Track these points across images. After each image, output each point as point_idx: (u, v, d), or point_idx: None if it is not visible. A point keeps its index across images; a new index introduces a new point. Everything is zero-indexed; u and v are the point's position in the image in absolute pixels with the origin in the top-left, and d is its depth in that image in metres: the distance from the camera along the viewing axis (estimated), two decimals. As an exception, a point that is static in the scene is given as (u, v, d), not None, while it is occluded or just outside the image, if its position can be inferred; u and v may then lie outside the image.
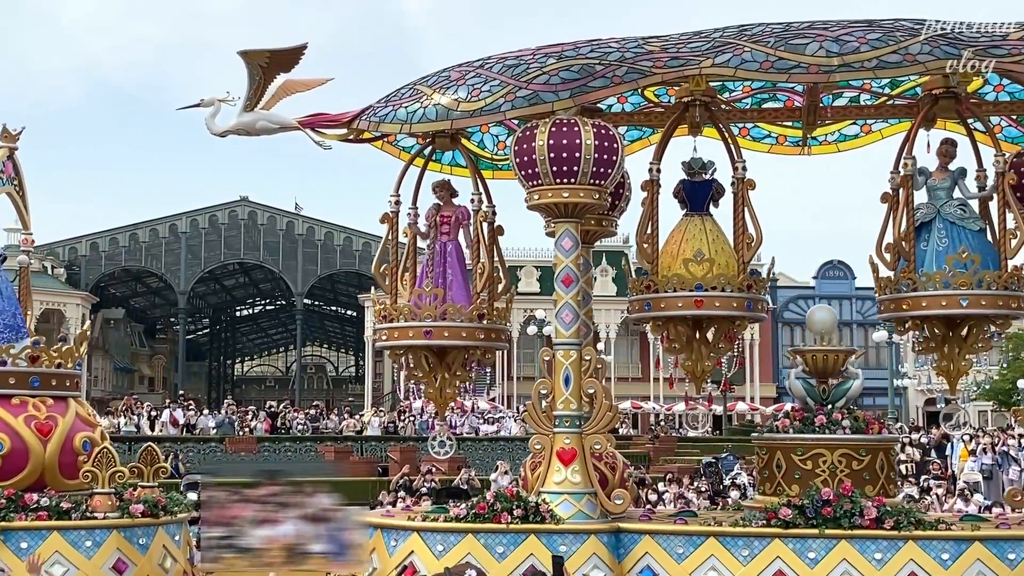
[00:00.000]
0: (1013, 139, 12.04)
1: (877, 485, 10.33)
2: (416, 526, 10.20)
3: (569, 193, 10.21)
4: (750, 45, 10.12)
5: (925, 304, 10.36)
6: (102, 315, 59.41)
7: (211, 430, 30.11)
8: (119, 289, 63.46)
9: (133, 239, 56.66)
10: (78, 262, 56.48)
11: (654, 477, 22.16)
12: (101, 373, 60.15)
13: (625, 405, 49.52)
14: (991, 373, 40.33)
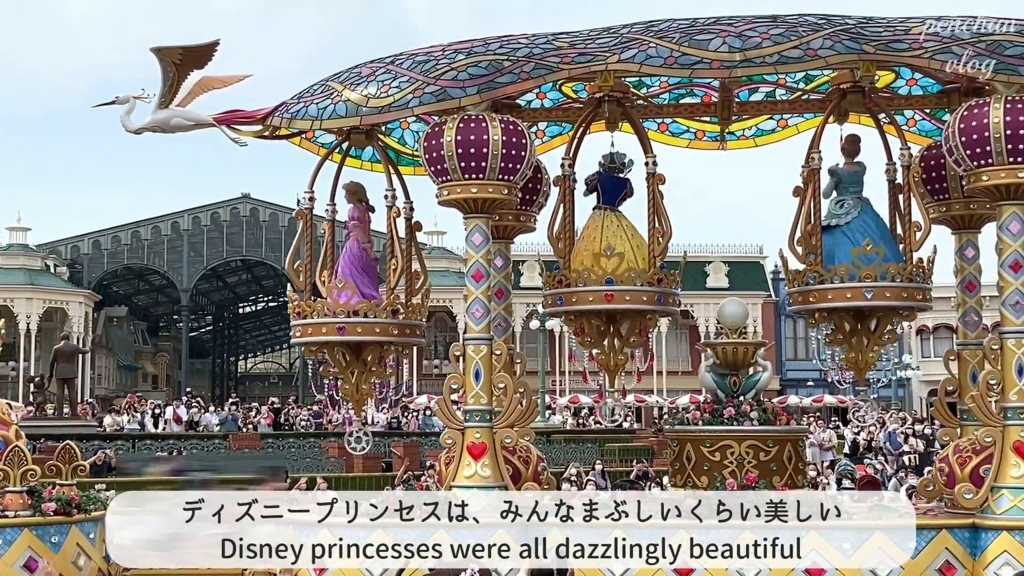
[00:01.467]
0: (927, 132, 12.19)
1: (785, 476, 10.46)
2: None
3: (478, 188, 10.27)
4: (655, 41, 10.20)
5: (831, 296, 10.49)
6: (105, 313, 59.17)
7: (214, 427, 29.99)
8: (122, 287, 63.23)
9: (135, 237, 56.37)
10: (80, 260, 56.17)
11: (658, 471, 22.08)
12: (104, 371, 59.88)
13: (628, 399, 49.58)
14: None
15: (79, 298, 52.77)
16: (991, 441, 9.85)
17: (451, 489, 10.17)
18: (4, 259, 52.18)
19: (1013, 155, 9.67)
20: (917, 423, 28.24)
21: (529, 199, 11.97)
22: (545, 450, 25.81)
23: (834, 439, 26.67)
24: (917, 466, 22.19)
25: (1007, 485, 9.69)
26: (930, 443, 24.97)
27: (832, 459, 23.89)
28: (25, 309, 50.37)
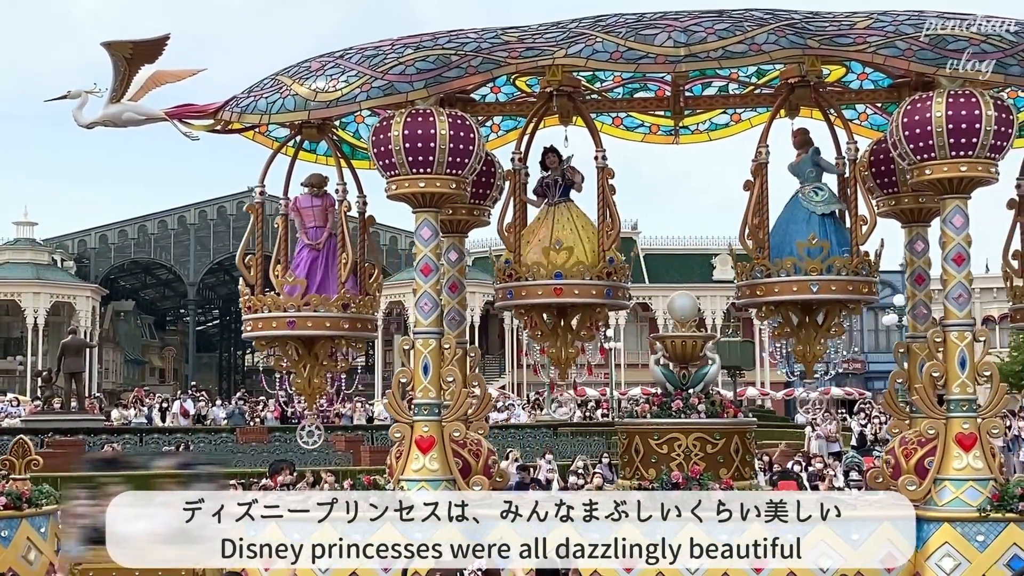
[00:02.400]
0: (878, 126, 12.26)
1: (731, 468, 10.54)
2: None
3: (426, 183, 10.29)
4: (602, 35, 10.23)
5: (778, 290, 10.55)
6: (112, 307, 59.16)
7: (222, 421, 29.98)
8: (129, 281, 63.23)
9: (142, 231, 56.36)
10: (87, 255, 56.17)
11: None
12: (112, 365, 59.95)
13: (635, 391, 49.38)
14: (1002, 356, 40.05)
15: (86, 292, 52.85)
16: (934, 433, 9.93)
17: (400, 483, 10.19)
18: (11, 254, 52.35)
19: (955, 149, 9.73)
20: None
21: (482, 193, 12.00)
22: (552, 443, 26.30)
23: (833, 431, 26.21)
24: None
25: (949, 477, 9.77)
26: None
27: (838, 450, 23.75)
28: (32, 303, 50.47)
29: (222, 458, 21.11)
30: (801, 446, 24.95)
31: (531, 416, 33.36)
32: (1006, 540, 9.42)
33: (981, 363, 9.98)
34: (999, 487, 9.62)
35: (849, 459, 19.20)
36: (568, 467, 19.45)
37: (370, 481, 10.21)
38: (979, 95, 9.70)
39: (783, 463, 19.96)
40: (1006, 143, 9.85)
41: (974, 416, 9.86)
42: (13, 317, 53.00)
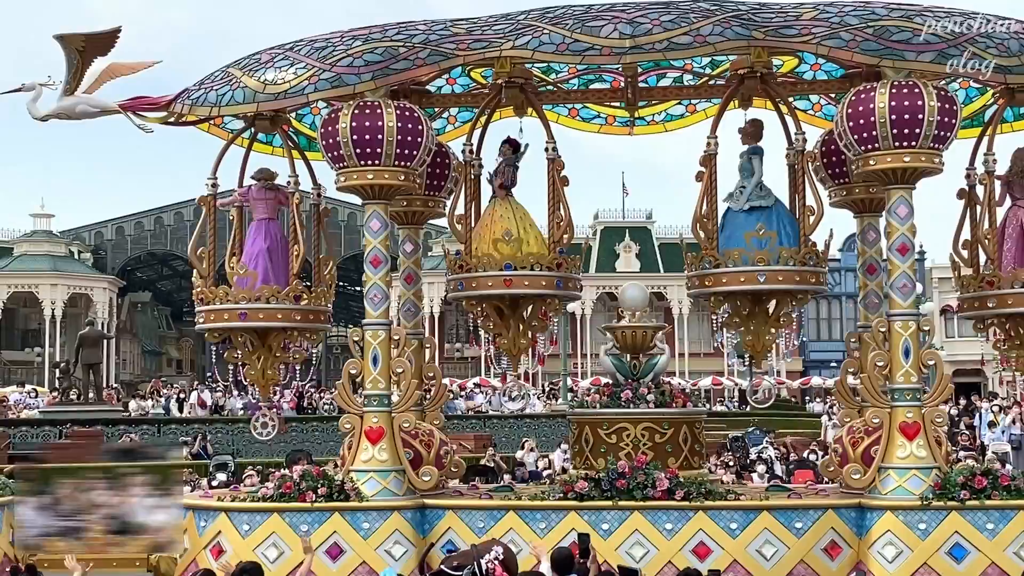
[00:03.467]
0: (831, 117, 12.17)
1: (680, 457, 10.60)
2: (223, 506, 10.31)
3: (374, 175, 10.31)
4: (550, 27, 10.25)
5: (726, 280, 10.59)
6: (129, 299, 59.30)
7: (239, 411, 30.08)
8: (145, 273, 63.30)
9: (158, 223, 56.32)
10: (104, 246, 56.22)
11: None
12: (129, 356, 60.24)
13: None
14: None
15: (103, 284, 53.05)
16: (879, 422, 10.00)
17: (349, 474, 10.24)
18: (29, 246, 52.48)
19: (898, 140, 9.78)
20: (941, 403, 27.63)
21: (437, 185, 12.02)
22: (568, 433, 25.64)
23: None
24: None
25: (893, 465, 9.84)
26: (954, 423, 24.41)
27: None
28: (50, 295, 50.64)
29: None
30: (817, 435, 24.80)
31: (546, 406, 33.41)
32: (948, 528, 9.48)
33: (925, 352, 10.03)
34: (942, 475, 9.68)
35: None
36: None
37: (319, 471, 10.24)
38: (922, 86, 9.75)
39: (800, 452, 19.92)
40: (950, 134, 9.90)
41: (918, 405, 9.92)
42: (31, 309, 53.13)
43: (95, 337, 30.12)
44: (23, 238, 53.23)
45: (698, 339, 52.88)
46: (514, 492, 10.76)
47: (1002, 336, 10.92)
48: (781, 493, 10.50)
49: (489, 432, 26.54)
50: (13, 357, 52.73)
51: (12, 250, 52.57)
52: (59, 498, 11.06)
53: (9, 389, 37.72)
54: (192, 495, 11.46)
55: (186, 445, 21.44)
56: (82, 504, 10.95)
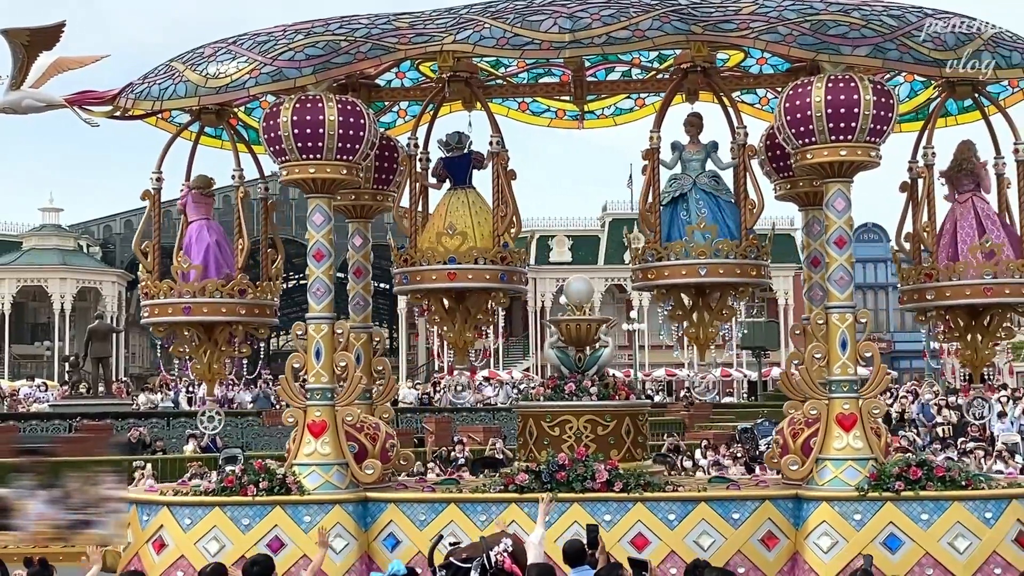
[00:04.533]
0: (778, 111, 12.34)
1: (623, 449, 10.67)
2: (166, 500, 10.33)
3: (316, 169, 10.33)
4: (490, 21, 10.28)
5: (668, 273, 10.65)
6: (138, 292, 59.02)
7: (248, 404, 30.04)
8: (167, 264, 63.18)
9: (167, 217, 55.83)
10: (113, 240, 56.08)
11: (689, 444, 21.98)
12: (138, 350, 60.16)
13: (659, 373, 48.94)
14: None
15: (112, 278, 53.00)
16: (816, 414, 10.08)
17: (292, 468, 10.27)
18: (37, 240, 52.37)
19: (835, 133, 9.85)
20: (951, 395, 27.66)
21: (385, 179, 12.05)
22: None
23: None
24: (951, 437, 21.83)
25: (830, 457, 9.92)
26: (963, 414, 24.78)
27: None
28: (59, 289, 50.67)
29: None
30: None
31: None
32: (882, 519, 9.56)
33: (863, 344, 10.11)
34: (878, 466, 9.77)
35: None
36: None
37: (261, 465, 10.26)
38: (858, 80, 9.81)
39: None
40: (886, 127, 9.96)
41: (855, 397, 10.00)
42: (40, 303, 53.18)
43: (104, 331, 30.28)
44: (32, 232, 53.20)
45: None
46: (458, 485, 10.80)
47: (943, 328, 10.99)
48: (721, 484, 10.57)
49: (498, 424, 26.56)
50: (23, 351, 52.81)
51: (21, 244, 52.68)
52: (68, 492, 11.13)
53: (19, 383, 37.71)
54: (136, 489, 11.47)
55: (194, 439, 21.50)
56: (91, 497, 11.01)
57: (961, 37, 10.00)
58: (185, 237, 11.58)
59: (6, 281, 50.76)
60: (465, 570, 7.04)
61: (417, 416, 28.33)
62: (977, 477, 9.94)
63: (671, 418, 30.65)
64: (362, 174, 10.96)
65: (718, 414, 33.81)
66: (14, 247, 52.51)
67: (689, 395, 32.83)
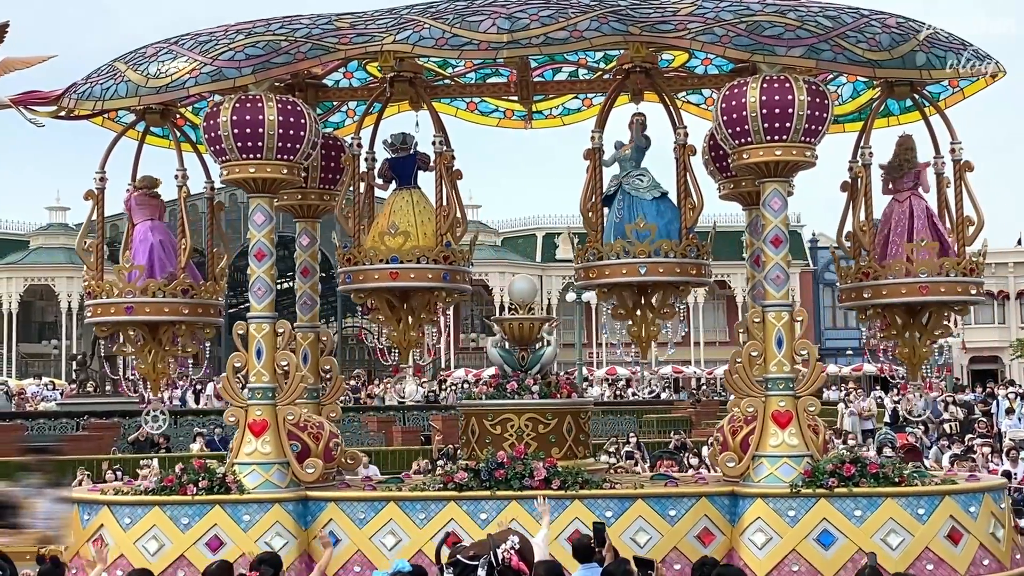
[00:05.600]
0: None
1: (564, 447, 10.73)
2: (106, 499, 10.34)
3: (256, 168, 10.36)
4: (430, 22, 10.32)
5: (608, 273, 10.72)
6: None
7: None
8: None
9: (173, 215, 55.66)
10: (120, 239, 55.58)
11: (696, 441, 22.01)
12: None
13: (666, 370, 48.80)
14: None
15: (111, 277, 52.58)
16: (753, 411, 10.16)
17: (233, 467, 10.29)
18: (45, 239, 52.17)
19: (770, 133, 9.93)
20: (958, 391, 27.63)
21: (332, 178, 12.08)
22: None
23: (874, 408, 25.92)
24: (958, 434, 21.70)
25: (766, 454, 10.01)
26: (971, 411, 24.63)
27: (872, 427, 23.64)
28: (66, 288, 50.58)
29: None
30: (833, 423, 24.63)
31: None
32: (816, 515, 9.64)
33: (799, 342, 10.20)
34: (813, 463, 9.86)
35: (882, 436, 19.10)
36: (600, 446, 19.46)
37: (201, 464, 10.28)
38: (792, 80, 9.90)
39: None
40: (821, 127, 10.05)
41: (791, 394, 10.09)
42: (47, 301, 53.06)
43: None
44: (39, 231, 53.00)
45: (714, 328, 52.46)
46: (399, 483, 10.85)
47: (881, 326, 11.09)
48: (660, 481, 10.64)
49: None
50: (30, 350, 52.73)
51: (28, 243, 52.49)
52: None
53: (27, 382, 37.63)
54: (79, 488, 11.47)
55: (201, 436, 21.47)
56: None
57: (896, 38, 10.10)
58: (131, 238, 11.60)
59: (13, 280, 50.86)
60: (472, 567, 7.06)
61: (423, 414, 28.32)
62: (911, 474, 10.03)
63: (678, 415, 30.65)
64: (304, 174, 10.98)
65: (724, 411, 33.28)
66: (21, 246, 52.44)
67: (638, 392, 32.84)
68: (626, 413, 28.83)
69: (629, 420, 27.53)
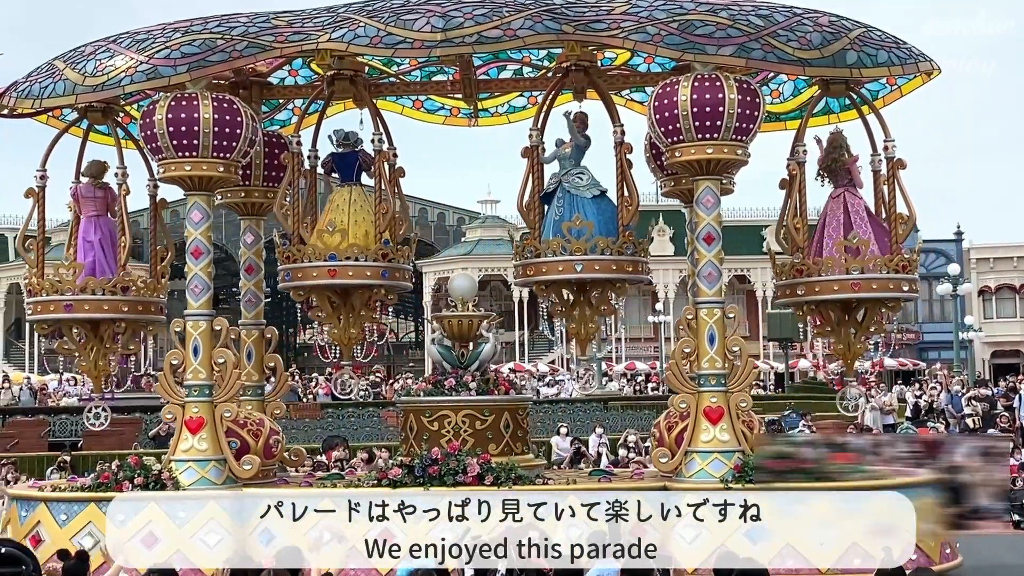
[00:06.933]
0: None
1: (501, 443, 10.78)
2: (43, 496, 10.37)
3: (192, 166, 10.40)
4: (366, 20, 10.36)
5: (546, 270, 10.79)
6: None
7: None
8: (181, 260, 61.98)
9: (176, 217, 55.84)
10: (140, 235, 55.51)
11: None
12: (166, 344, 59.39)
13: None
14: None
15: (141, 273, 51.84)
16: (686, 407, 10.24)
17: (170, 464, 10.33)
18: (64, 236, 51.16)
19: (701, 132, 10.01)
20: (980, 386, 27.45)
21: (276, 176, 12.08)
22: (603, 417, 26.47)
23: (895, 403, 25.59)
24: (980, 428, 21.46)
25: (698, 449, 10.09)
26: (992, 405, 24.07)
27: (893, 422, 23.54)
28: None
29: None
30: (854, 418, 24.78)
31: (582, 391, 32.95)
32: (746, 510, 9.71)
33: (730, 339, 10.28)
34: (743, 458, 9.94)
35: (904, 430, 19.13)
36: (619, 441, 19.48)
37: (137, 462, 10.32)
38: (723, 79, 9.97)
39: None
40: (752, 125, 10.13)
41: (723, 390, 10.17)
42: None
43: (132, 325, 30.53)
44: (59, 228, 52.35)
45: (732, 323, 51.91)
46: (342, 479, 10.91)
47: (815, 322, 11.18)
48: (595, 477, 10.71)
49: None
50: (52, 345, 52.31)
51: (50, 240, 51.82)
52: None
53: (48, 377, 37.54)
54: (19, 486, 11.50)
55: None
56: None
57: (827, 36, 10.18)
58: (76, 234, 11.63)
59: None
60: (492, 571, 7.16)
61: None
62: (843, 469, 10.11)
63: None
64: (242, 172, 11.03)
65: None
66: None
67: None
68: (646, 408, 28.81)
69: (649, 415, 27.51)
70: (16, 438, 22.04)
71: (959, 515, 10.43)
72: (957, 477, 9.35)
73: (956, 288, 35.49)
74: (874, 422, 23.11)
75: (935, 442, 13.10)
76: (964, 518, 9.99)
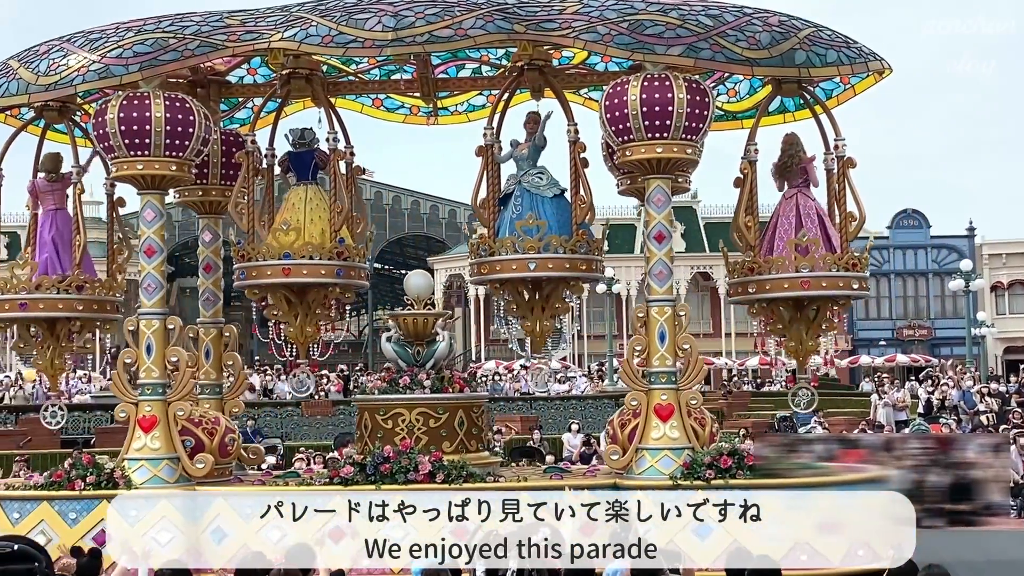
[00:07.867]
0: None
1: (455, 441, 10.84)
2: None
3: (144, 165, 10.42)
4: (318, 19, 10.40)
5: (499, 268, 10.84)
6: (178, 284, 58.55)
7: (287, 395, 29.73)
8: (193, 258, 62.25)
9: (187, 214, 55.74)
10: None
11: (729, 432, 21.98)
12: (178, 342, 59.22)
13: None
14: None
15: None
16: (637, 404, 10.31)
17: (123, 462, 10.35)
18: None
19: (651, 131, 10.07)
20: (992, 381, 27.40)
21: (234, 174, 12.10)
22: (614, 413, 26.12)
23: (907, 399, 25.77)
24: (993, 425, 21.45)
25: (648, 446, 10.16)
26: (1005, 401, 24.41)
27: (905, 418, 23.64)
28: None
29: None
30: (867, 414, 24.66)
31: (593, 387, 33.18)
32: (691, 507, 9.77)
33: (681, 337, 10.34)
34: (692, 455, 10.00)
35: (916, 427, 19.11)
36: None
37: (89, 460, 10.34)
38: (672, 79, 10.03)
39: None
40: (702, 124, 10.19)
41: (673, 388, 10.24)
42: None
43: (145, 322, 30.57)
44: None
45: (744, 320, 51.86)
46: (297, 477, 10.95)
47: (767, 320, 11.25)
48: (548, 475, 10.78)
49: (535, 414, 26.51)
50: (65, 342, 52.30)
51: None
52: None
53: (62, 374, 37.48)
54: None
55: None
56: None
57: (776, 36, 10.25)
58: (34, 232, 11.63)
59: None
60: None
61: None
62: (791, 466, 10.19)
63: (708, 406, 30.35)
64: (196, 170, 11.04)
65: (756, 403, 33.27)
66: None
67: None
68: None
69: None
70: (29, 435, 22.11)
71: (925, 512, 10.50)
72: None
73: (968, 284, 35.52)
74: (886, 418, 23.22)
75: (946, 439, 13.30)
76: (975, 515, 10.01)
